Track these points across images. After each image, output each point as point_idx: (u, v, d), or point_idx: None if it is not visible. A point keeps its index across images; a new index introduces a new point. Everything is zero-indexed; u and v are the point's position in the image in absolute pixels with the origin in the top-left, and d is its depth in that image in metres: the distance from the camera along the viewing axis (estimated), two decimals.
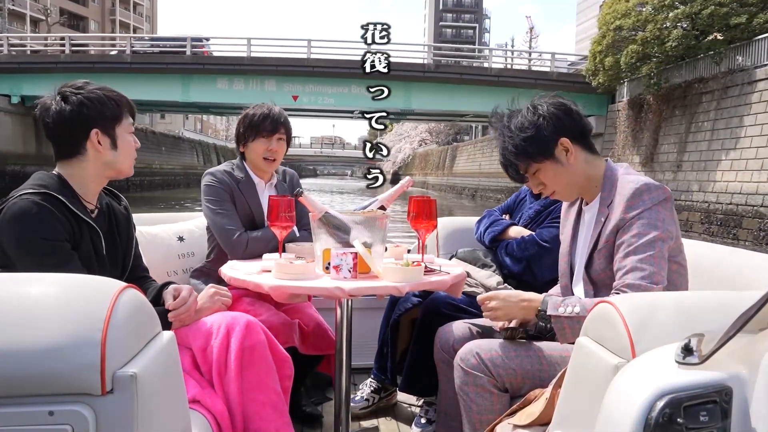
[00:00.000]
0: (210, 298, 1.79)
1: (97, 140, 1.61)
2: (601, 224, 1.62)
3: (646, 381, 0.89)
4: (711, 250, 1.89)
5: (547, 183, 1.69)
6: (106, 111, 1.61)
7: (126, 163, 1.68)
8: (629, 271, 1.50)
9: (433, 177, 50.84)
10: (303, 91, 23.80)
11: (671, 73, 17.88)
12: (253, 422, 1.64)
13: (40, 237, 1.49)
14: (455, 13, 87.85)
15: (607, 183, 1.65)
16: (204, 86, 23.93)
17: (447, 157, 48.03)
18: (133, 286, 1.04)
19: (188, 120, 63.32)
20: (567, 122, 1.65)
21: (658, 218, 1.53)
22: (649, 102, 18.92)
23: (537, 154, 1.65)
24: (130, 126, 1.68)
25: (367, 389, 2.59)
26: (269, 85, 23.66)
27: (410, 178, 2.26)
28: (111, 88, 1.67)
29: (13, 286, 0.99)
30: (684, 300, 1.17)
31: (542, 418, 1.35)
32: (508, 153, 1.68)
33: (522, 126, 1.65)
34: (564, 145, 1.64)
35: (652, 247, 1.50)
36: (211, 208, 2.26)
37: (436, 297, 2.28)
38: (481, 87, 23.04)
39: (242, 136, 2.37)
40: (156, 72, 23.74)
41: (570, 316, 1.51)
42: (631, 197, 1.55)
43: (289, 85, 23.74)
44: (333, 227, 1.88)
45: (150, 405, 0.98)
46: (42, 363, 0.89)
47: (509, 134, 1.67)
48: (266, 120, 2.33)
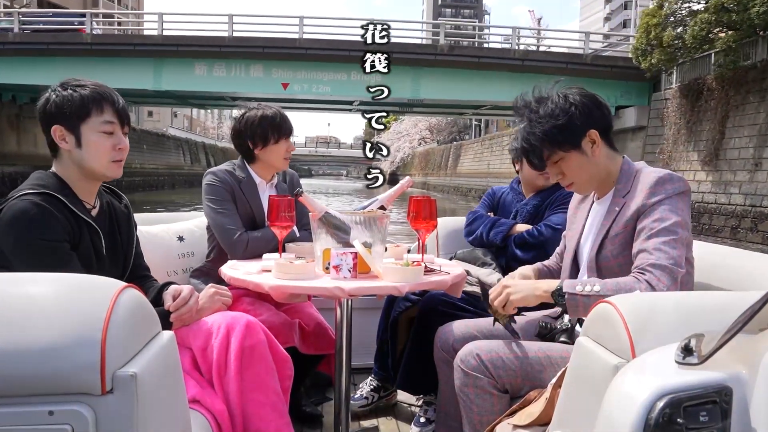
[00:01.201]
0: (210, 298, 1.79)
1: (60, 137, 1.58)
2: (615, 213, 1.62)
3: (646, 381, 0.89)
4: (712, 249, 1.89)
5: (568, 173, 1.68)
6: (67, 107, 1.56)
7: (96, 164, 1.60)
8: (653, 252, 1.50)
9: (434, 177, 48.60)
10: (294, 78, 19.98)
11: (746, 50, 14.40)
12: (253, 422, 1.64)
13: (40, 238, 1.49)
14: (454, 9, 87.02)
15: (623, 176, 1.67)
16: (179, 72, 20.02)
17: (450, 156, 45.50)
18: (133, 286, 1.04)
19: (177, 118, 60.29)
20: (597, 114, 1.65)
21: (678, 207, 1.54)
22: (710, 87, 15.27)
23: (565, 142, 1.64)
24: (104, 125, 1.59)
25: (366, 388, 2.59)
26: (255, 71, 19.89)
27: (410, 179, 2.26)
28: (99, 83, 1.63)
29: (13, 286, 0.99)
30: (684, 300, 1.17)
31: (542, 419, 1.35)
32: (534, 138, 1.67)
33: (553, 113, 1.64)
34: (592, 137, 1.65)
35: (675, 232, 1.51)
36: (212, 207, 2.26)
37: (432, 295, 2.29)
38: (502, 73, 19.43)
39: (264, 138, 2.30)
40: (121, 55, 19.72)
41: (588, 294, 1.50)
42: (654, 184, 1.56)
43: (278, 70, 19.92)
44: (333, 227, 1.88)
45: (150, 405, 0.98)
46: (42, 363, 0.89)
47: (538, 120, 1.66)
48: (286, 121, 2.35)
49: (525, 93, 1.73)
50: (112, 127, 1.62)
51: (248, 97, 19.86)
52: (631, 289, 1.48)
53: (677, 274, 1.49)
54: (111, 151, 1.62)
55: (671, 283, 1.48)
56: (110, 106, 1.61)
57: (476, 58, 19.94)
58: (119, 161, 1.64)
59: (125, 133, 1.67)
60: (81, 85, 1.60)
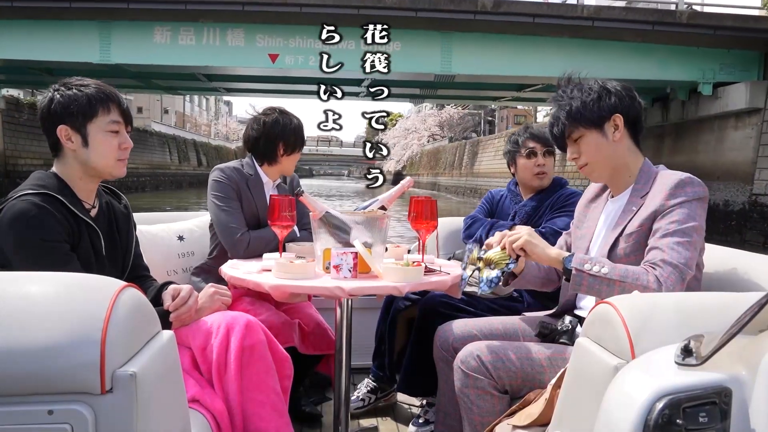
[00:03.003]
0: (209, 298, 1.79)
1: (66, 137, 1.59)
2: (633, 213, 1.63)
3: (645, 382, 0.89)
4: (712, 250, 1.89)
5: (585, 153, 1.70)
6: (73, 107, 1.57)
7: (102, 163, 1.62)
8: (666, 250, 1.52)
9: (446, 177, 42.08)
10: (285, 48, 13.96)
11: None
12: (253, 422, 1.64)
13: (39, 238, 1.49)
14: None
15: (642, 176, 1.68)
16: (133, 40, 13.95)
17: (465, 153, 38.75)
18: (133, 285, 1.04)
19: (167, 114, 53.80)
20: (627, 103, 1.68)
21: (697, 212, 1.56)
22: None
23: (587, 120, 1.67)
24: (110, 124, 1.61)
25: (363, 389, 2.59)
26: (234, 38, 13.98)
27: (410, 179, 2.26)
28: (101, 83, 1.64)
29: (13, 286, 0.99)
30: (684, 301, 1.17)
31: (541, 419, 1.35)
32: (562, 114, 1.70)
33: (584, 89, 1.69)
34: (615, 121, 1.67)
35: (690, 235, 1.53)
36: (217, 204, 2.27)
37: (433, 296, 2.28)
38: (563, 39, 13.50)
39: (293, 146, 2.39)
40: (55, 17, 13.31)
41: (596, 274, 1.52)
42: (674, 186, 1.58)
43: (264, 37, 13.97)
44: (333, 227, 1.88)
45: (149, 404, 0.98)
46: (42, 362, 0.89)
47: (570, 96, 1.70)
48: (302, 129, 2.43)
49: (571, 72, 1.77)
50: (118, 127, 1.64)
51: (226, 75, 17.01)
52: (639, 278, 1.50)
53: (686, 275, 1.51)
54: (117, 150, 1.64)
55: (678, 282, 1.49)
56: (116, 107, 1.63)
57: (530, 17, 13.30)
58: (124, 160, 1.67)
59: (129, 131, 1.69)
60: (85, 84, 1.61)
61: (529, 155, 2.46)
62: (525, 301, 2.31)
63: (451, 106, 48.77)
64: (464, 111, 47.75)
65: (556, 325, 1.73)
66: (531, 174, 2.46)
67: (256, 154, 2.39)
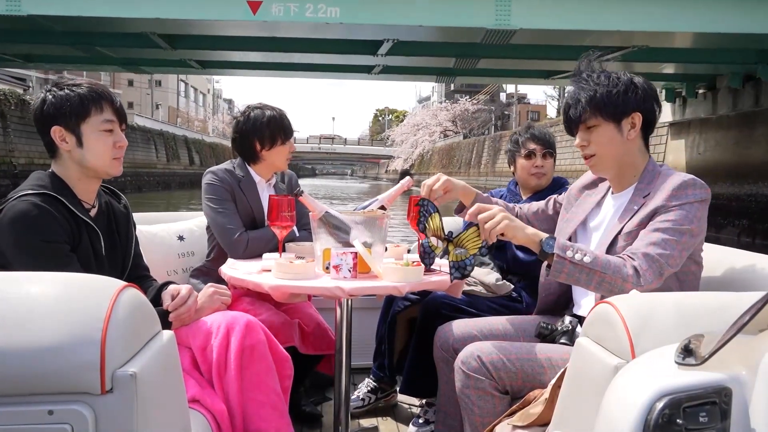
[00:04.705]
0: (209, 298, 1.79)
1: (60, 138, 1.59)
2: (633, 212, 1.64)
3: (645, 382, 0.89)
4: (713, 250, 1.89)
5: (595, 143, 1.68)
6: (66, 108, 1.57)
7: (98, 162, 1.61)
8: (651, 244, 1.52)
9: (461, 177, 31.16)
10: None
11: None
12: (253, 422, 1.64)
13: (39, 239, 1.49)
14: None
15: (646, 176, 1.68)
16: None
17: (484, 150, 34.32)
18: (133, 286, 1.04)
19: (158, 110, 49.39)
20: (649, 105, 1.68)
21: (696, 215, 1.57)
22: None
23: (608, 111, 1.65)
24: (104, 123, 1.61)
25: (364, 389, 2.59)
26: None
27: (410, 178, 2.25)
28: (94, 81, 1.64)
29: (13, 286, 0.99)
30: (684, 301, 1.17)
31: (542, 419, 1.35)
32: (584, 96, 1.67)
33: (611, 78, 1.66)
34: (634, 119, 1.66)
35: (681, 235, 1.54)
36: (212, 207, 2.26)
37: (434, 297, 2.28)
38: None
39: (272, 139, 2.31)
40: None
41: (578, 262, 1.52)
42: (677, 188, 1.58)
43: None
44: (333, 227, 1.88)
45: (149, 404, 0.98)
46: (42, 362, 0.89)
47: (596, 82, 1.67)
48: (289, 122, 2.38)
49: (592, 55, 1.74)
50: (112, 125, 1.63)
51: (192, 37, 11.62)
52: (620, 270, 1.51)
53: (665, 271, 1.52)
54: (112, 148, 1.64)
55: (656, 277, 1.51)
56: (109, 105, 1.62)
57: None
58: (119, 158, 1.67)
59: (123, 130, 1.69)
60: (77, 84, 1.61)
61: (528, 156, 2.46)
62: (524, 302, 2.31)
63: (466, 98, 45.54)
64: (477, 105, 44.43)
65: (556, 326, 1.73)
66: (528, 174, 2.46)
67: (242, 155, 2.39)
